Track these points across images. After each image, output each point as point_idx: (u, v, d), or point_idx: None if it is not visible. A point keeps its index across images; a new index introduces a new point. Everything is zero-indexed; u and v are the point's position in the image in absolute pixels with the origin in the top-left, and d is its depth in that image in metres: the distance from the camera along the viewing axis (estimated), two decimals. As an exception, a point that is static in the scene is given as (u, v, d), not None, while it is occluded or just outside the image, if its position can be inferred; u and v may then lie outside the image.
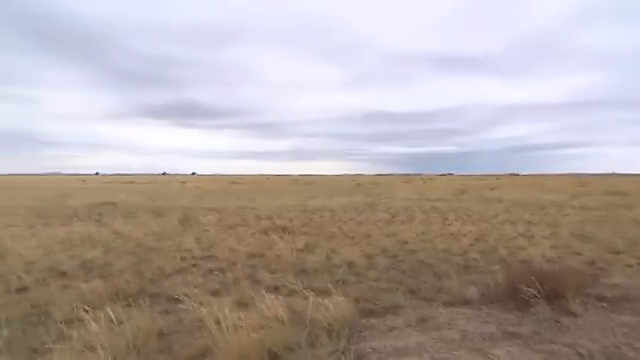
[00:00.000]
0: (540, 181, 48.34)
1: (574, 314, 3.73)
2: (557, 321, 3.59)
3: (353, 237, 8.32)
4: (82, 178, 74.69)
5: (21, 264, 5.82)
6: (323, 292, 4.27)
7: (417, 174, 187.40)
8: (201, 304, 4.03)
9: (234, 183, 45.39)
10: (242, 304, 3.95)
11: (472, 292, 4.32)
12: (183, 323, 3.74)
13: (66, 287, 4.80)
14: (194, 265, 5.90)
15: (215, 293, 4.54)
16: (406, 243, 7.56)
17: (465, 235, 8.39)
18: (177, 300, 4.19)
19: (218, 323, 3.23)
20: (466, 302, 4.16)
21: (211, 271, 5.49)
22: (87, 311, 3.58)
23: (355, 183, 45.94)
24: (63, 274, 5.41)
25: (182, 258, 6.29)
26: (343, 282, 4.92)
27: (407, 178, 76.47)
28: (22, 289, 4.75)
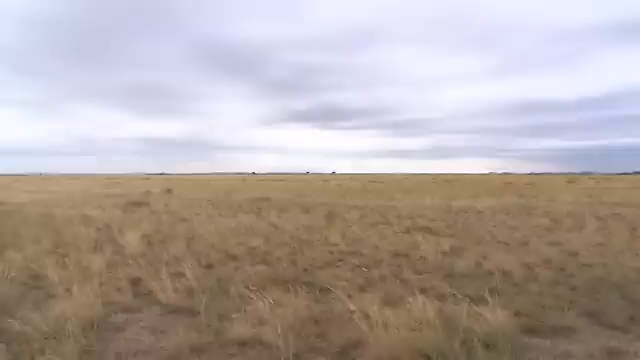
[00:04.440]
0: None
1: None
2: None
3: (506, 243, 7.46)
4: (243, 177, 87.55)
5: (206, 246, 7.15)
6: (475, 300, 3.95)
7: (585, 173, 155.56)
8: (349, 297, 4.24)
9: (372, 182, 46.21)
10: (389, 302, 3.97)
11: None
12: (334, 313, 3.97)
13: (237, 268, 5.67)
14: (341, 259, 6.24)
15: (362, 288, 4.69)
16: (576, 255, 6.37)
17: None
18: (328, 290, 4.50)
19: (367, 317, 3.34)
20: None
21: (357, 266, 5.71)
22: (255, 291, 4.20)
23: (504, 183, 41.12)
24: (235, 257, 6.39)
25: (330, 252, 6.72)
26: (498, 292, 4.45)
27: (572, 177, 64.17)
28: (209, 265, 5.84)
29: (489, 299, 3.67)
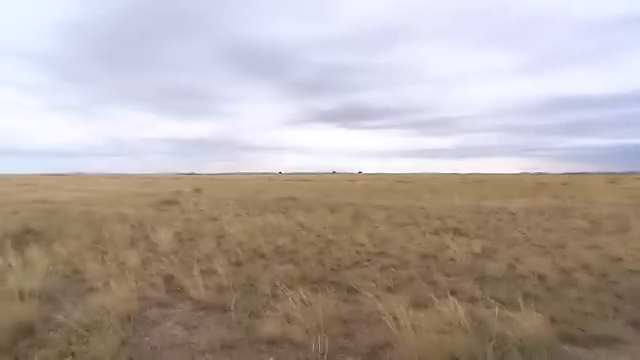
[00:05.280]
0: None
1: None
2: None
3: (541, 246, 7.17)
4: (269, 177, 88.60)
5: (235, 244, 7.29)
6: (508, 304, 3.83)
7: (628, 172, 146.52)
8: (377, 297, 4.21)
9: (399, 182, 45.57)
10: (418, 304, 3.91)
11: None
12: (362, 314, 3.96)
13: (266, 267, 5.74)
14: (368, 260, 6.19)
15: (390, 289, 4.65)
16: (619, 260, 6.03)
17: None
18: (355, 291, 4.49)
19: (396, 319, 3.30)
20: None
21: (385, 267, 5.66)
22: (283, 289, 4.25)
23: (537, 183, 39.43)
24: (263, 256, 6.48)
25: (357, 252, 6.69)
26: (533, 296, 4.28)
27: (612, 177, 60.56)
28: (238, 263, 5.96)
29: (523, 304, 3.55)
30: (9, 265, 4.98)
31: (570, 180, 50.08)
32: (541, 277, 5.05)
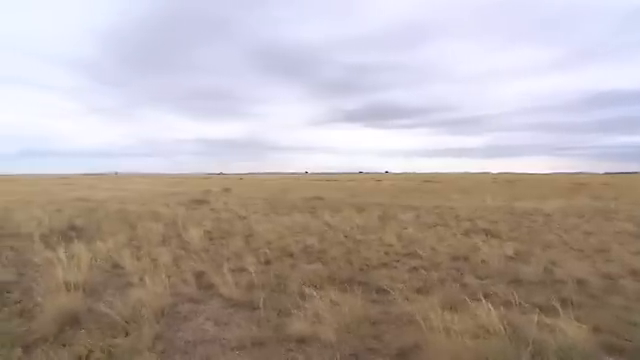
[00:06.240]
0: None
1: None
2: None
3: (581, 249, 6.81)
4: (296, 177, 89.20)
5: (263, 243, 7.40)
6: (545, 310, 3.67)
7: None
8: (407, 299, 4.16)
9: (427, 181, 44.71)
10: (450, 306, 3.81)
11: None
12: (391, 315, 3.91)
13: (294, 266, 5.78)
14: (397, 260, 6.11)
15: (420, 291, 4.56)
16: (672, 266, 5.63)
17: None
18: (384, 292, 4.45)
19: (426, 321, 3.24)
20: None
21: (414, 268, 5.56)
22: (312, 288, 4.27)
23: (574, 183, 37.54)
24: (291, 255, 6.52)
25: (385, 253, 6.61)
26: (572, 303, 4.08)
27: (661, 178, 56.61)
28: (267, 262, 6.03)
29: (561, 310, 3.39)
30: (56, 259, 5.28)
31: (612, 180, 47.29)
32: (581, 282, 4.79)
